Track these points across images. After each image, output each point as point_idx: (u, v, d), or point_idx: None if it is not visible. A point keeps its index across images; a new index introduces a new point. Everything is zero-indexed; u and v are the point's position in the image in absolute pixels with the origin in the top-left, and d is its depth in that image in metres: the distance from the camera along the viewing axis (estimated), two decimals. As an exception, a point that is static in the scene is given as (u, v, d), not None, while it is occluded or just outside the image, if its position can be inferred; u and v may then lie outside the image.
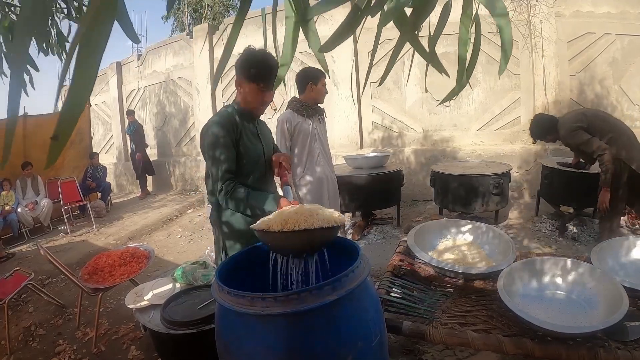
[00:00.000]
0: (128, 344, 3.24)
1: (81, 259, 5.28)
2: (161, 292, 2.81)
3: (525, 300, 2.05)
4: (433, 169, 5.49)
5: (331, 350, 1.21)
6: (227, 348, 1.30)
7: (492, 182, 4.90)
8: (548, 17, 6.24)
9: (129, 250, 3.77)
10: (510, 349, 1.75)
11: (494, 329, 1.92)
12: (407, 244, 2.55)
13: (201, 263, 3.10)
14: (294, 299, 1.15)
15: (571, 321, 1.87)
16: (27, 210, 6.74)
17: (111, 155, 11.11)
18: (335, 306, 1.21)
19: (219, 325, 1.34)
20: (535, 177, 5.93)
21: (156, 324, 2.47)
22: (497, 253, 2.54)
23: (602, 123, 3.74)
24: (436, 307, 2.15)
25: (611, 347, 1.70)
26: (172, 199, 8.77)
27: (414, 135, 7.14)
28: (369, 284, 1.37)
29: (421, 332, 1.90)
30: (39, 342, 3.49)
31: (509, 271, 2.12)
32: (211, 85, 8.62)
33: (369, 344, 1.28)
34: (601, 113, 4.01)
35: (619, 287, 1.88)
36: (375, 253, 4.46)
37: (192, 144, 9.56)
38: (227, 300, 1.22)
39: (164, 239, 6.22)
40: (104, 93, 10.84)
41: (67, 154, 8.17)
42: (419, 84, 7.00)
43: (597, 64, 6.37)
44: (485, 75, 6.70)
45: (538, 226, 5.09)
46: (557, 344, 1.71)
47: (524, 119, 6.59)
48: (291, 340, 1.20)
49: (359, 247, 1.45)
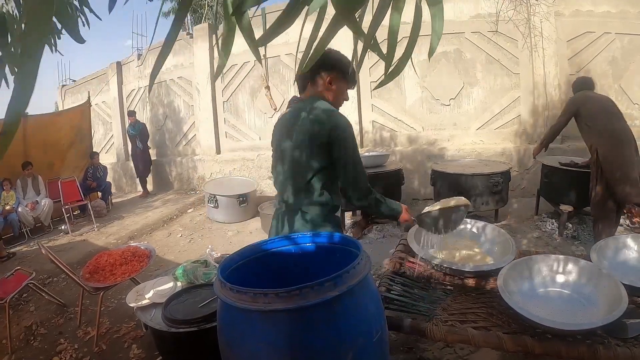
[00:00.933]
0: (129, 342, 3.25)
1: (82, 258, 5.29)
2: (162, 290, 2.82)
3: (525, 297, 2.06)
4: (433, 167, 5.50)
5: (332, 346, 1.22)
6: (229, 345, 1.31)
7: (492, 180, 4.91)
8: (548, 16, 6.25)
9: (130, 249, 3.78)
10: (510, 346, 1.76)
11: (494, 326, 1.93)
12: (407, 243, 2.56)
13: (202, 262, 3.11)
14: (295, 294, 1.16)
15: (571, 318, 1.88)
16: (27, 209, 6.75)
17: (111, 155, 11.11)
18: (336, 302, 1.21)
19: (221, 322, 1.35)
20: (535, 175, 5.94)
21: (157, 323, 2.48)
22: (496, 251, 2.55)
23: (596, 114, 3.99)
24: (436, 304, 2.15)
25: (611, 344, 1.71)
26: (172, 198, 8.78)
27: (413, 134, 7.15)
28: (369, 280, 1.38)
29: (422, 330, 1.91)
30: (40, 341, 3.50)
31: (508, 269, 2.12)
32: (211, 83, 8.63)
33: (369, 340, 1.29)
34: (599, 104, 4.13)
35: (618, 284, 1.89)
36: (376, 252, 4.47)
37: (191, 143, 9.56)
38: (229, 296, 1.23)
39: (165, 238, 6.23)
40: (104, 93, 10.83)
41: (68, 153, 8.19)
42: (419, 83, 7.01)
43: (596, 63, 6.39)
44: (485, 75, 6.71)
45: (538, 225, 5.10)
46: (557, 341, 1.72)
47: (523, 118, 6.61)
48: (293, 336, 1.20)
49: (359, 244, 1.47)
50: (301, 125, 1.90)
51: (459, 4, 6.69)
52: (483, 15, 6.57)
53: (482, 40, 6.63)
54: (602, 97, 4.24)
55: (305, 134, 1.88)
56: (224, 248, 5.20)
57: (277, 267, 1.65)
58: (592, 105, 4.05)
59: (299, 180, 1.92)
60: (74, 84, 12.31)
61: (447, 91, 6.89)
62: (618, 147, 3.83)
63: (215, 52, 8.64)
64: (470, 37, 6.66)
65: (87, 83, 11.48)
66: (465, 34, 6.68)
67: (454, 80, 6.83)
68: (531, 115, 6.56)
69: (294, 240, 1.71)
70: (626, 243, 2.45)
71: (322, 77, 1.99)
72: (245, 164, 8.36)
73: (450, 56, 6.82)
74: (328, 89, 2.01)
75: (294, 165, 1.93)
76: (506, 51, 6.58)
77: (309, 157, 1.88)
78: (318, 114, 1.88)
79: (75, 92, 11.99)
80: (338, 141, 1.86)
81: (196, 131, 9.33)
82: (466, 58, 6.75)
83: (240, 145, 8.78)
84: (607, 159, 3.84)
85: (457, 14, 6.71)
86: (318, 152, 1.87)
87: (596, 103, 4.08)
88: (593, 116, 3.99)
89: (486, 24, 6.51)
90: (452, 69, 6.82)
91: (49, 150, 7.75)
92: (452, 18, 6.74)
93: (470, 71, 6.76)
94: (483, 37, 6.63)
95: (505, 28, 6.41)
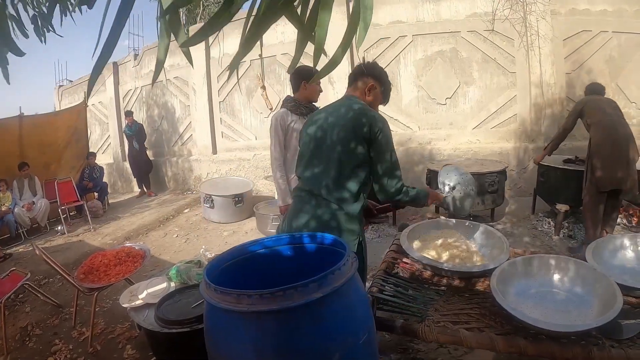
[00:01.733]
0: (124, 343, 3.24)
1: (78, 258, 5.26)
2: (156, 291, 2.81)
3: (519, 298, 2.05)
4: (429, 167, 5.49)
5: (318, 347, 1.21)
6: (216, 346, 1.30)
7: (488, 180, 4.91)
8: (544, 15, 6.25)
9: (125, 249, 3.77)
10: (503, 347, 1.75)
11: (486, 327, 1.92)
12: (401, 243, 2.55)
13: (196, 262, 3.10)
14: (279, 296, 1.15)
15: (565, 319, 1.87)
16: (24, 210, 6.72)
17: (108, 155, 11.09)
18: (321, 303, 1.20)
19: (208, 323, 1.34)
20: (531, 175, 5.94)
21: (150, 323, 2.47)
22: (490, 251, 2.54)
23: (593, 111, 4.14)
24: (429, 305, 2.14)
25: (605, 345, 1.70)
26: (168, 199, 8.76)
27: (409, 133, 7.14)
28: (356, 281, 1.37)
29: (413, 331, 1.90)
30: (36, 341, 3.48)
31: (502, 269, 2.12)
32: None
33: (356, 341, 1.27)
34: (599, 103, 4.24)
35: (613, 285, 1.88)
36: (371, 252, 4.43)
37: (187, 144, 9.54)
38: (214, 297, 1.22)
39: (161, 239, 6.21)
40: (100, 93, 10.80)
41: (64, 154, 8.17)
42: (415, 82, 7.01)
43: (593, 62, 6.38)
44: (482, 74, 6.71)
45: (534, 224, 5.10)
46: (551, 342, 1.71)
47: (520, 117, 6.60)
48: (277, 337, 1.19)
49: (346, 245, 1.46)
50: (342, 121, 2.02)
51: (455, 3, 6.68)
52: (479, 14, 6.56)
53: (478, 39, 6.62)
54: (605, 98, 4.40)
55: (346, 129, 1.99)
56: (219, 248, 5.19)
57: (266, 269, 1.64)
58: (594, 104, 4.20)
59: (337, 175, 1.99)
60: (70, 85, 12.28)
61: (443, 90, 6.88)
62: (612, 135, 3.94)
63: (211, 52, 8.63)
64: (466, 36, 6.65)
65: (84, 83, 11.42)
66: (461, 33, 6.67)
67: (450, 79, 6.82)
68: (528, 114, 6.55)
69: (285, 241, 1.71)
70: (622, 243, 2.45)
71: (365, 81, 2.16)
72: (242, 164, 8.35)
73: (446, 55, 6.81)
74: (367, 94, 2.17)
75: (332, 160, 2.01)
76: (502, 50, 6.57)
77: (349, 153, 1.98)
78: (358, 110, 2.02)
79: (72, 93, 11.96)
80: (377, 134, 1.96)
81: (192, 131, 9.30)
82: (462, 57, 6.74)
83: (236, 145, 8.76)
84: (597, 146, 3.97)
85: (453, 13, 6.71)
86: (358, 147, 1.97)
87: (598, 102, 4.23)
88: (593, 113, 4.12)
89: (482, 22, 6.50)
90: (448, 68, 6.81)
91: (46, 151, 7.72)
92: (448, 17, 6.74)
93: (466, 70, 6.75)
94: (479, 36, 6.62)
95: (502, 27, 6.40)
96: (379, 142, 1.96)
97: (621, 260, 2.38)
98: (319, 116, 2.15)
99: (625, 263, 2.36)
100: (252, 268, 1.62)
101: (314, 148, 2.09)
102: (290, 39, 7.69)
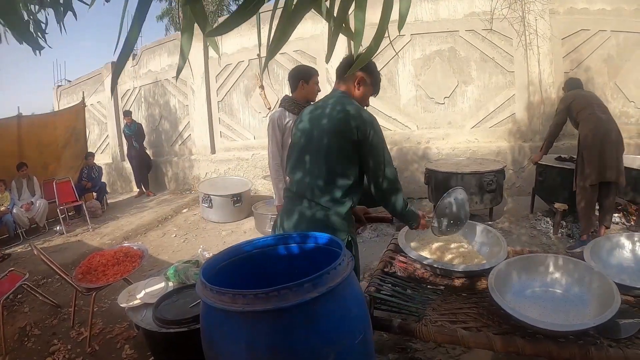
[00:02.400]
0: (122, 343, 3.24)
1: (76, 259, 5.25)
2: (153, 291, 2.81)
3: (517, 297, 2.05)
4: (427, 166, 5.49)
5: (312, 347, 1.21)
6: (211, 346, 1.30)
7: (487, 179, 4.91)
8: (542, 14, 6.25)
9: (123, 249, 3.76)
10: (501, 346, 1.75)
11: (484, 326, 1.92)
12: (398, 242, 2.55)
13: (194, 262, 3.10)
14: (274, 296, 1.15)
15: (563, 319, 1.87)
16: (22, 210, 6.71)
17: (107, 155, 11.07)
18: (316, 303, 1.20)
19: (204, 323, 1.34)
20: (529, 174, 5.94)
21: (148, 323, 2.47)
22: (488, 251, 2.54)
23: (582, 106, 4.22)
24: (427, 305, 2.14)
25: (603, 344, 1.70)
26: (167, 198, 8.75)
27: (408, 133, 7.13)
28: (352, 281, 1.36)
29: (411, 330, 1.90)
30: (34, 342, 3.48)
31: (499, 269, 2.11)
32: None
33: (352, 341, 1.27)
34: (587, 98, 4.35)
35: (611, 284, 1.88)
36: (370, 251, 4.47)
37: (186, 143, 9.53)
38: (210, 297, 1.22)
39: (159, 239, 6.20)
40: (99, 93, 10.77)
41: (63, 154, 8.15)
42: (413, 81, 7.00)
43: (592, 61, 6.38)
44: (480, 73, 6.70)
45: (533, 223, 5.10)
46: (548, 342, 1.71)
47: (518, 116, 6.60)
48: (272, 337, 1.19)
49: (342, 244, 1.45)
50: (330, 124, 1.98)
51: (453, 2, 6.66)
52: (477, 13, 6.56)
53: (476, 38, 6.61)
54: (589, 93, 4.55)
55: (334, 133, 1.96)
56: (217, 248, 5.18)
57: (263, 268, 1.64)
58: (581, 99, 4.29)
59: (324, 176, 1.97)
60: (69, 85, 12.26)
61: (441, 90, 6.88)
62: (600, 130, 4.01)
63: (210, 51, 8.61)
64: (465, 35, 6.64)
65: (82, 83, 11.42)
66: (460, 32, 6.66)
67: (449, 78, 6.81)
68: (526, 113, 6.55)
69: (281, 241, 1.70)
70: (620, 242, 2.45)
71: (353, 74, 2.06)
72: (240, 163, 8.34)
73: (444, 54, 6.80)
74: (356, 88, 2.11)
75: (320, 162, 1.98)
76: (501, 49, 6.56)
77: (337, 156, 1.95)
78: (347, 110, 1.97)
79: (70, 93, 11.94)
80: (369, 136, 1.93)
81: (191, 131, 9.29)
82: (460, 56, 6.73)
83: (234, 144, 8.75)
84: (586, 141, 4.05)
85: (451, 12, 6.70)
86: (346, 150, 1.94)
87: (584, 98, 4.32)
88: (581, 109, 4.21)
89: (480, 22, 6.49)
90: (446, 67, 6.80)
91: (44, 151, 7.71)
92: (446, 16, 6.73)
93: (464, 69, 6.74)
94: (477, 36, 6.61)
95: (500, 26, 6.39)
96: (372, 143, 1.94)
97: (619, 260, 2.38)
98: (310, 115, 2.12)
99: (623, 262, 2.36)
100: (249, 268, 1.61)
101: (303, 146, 2.07)
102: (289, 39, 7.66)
